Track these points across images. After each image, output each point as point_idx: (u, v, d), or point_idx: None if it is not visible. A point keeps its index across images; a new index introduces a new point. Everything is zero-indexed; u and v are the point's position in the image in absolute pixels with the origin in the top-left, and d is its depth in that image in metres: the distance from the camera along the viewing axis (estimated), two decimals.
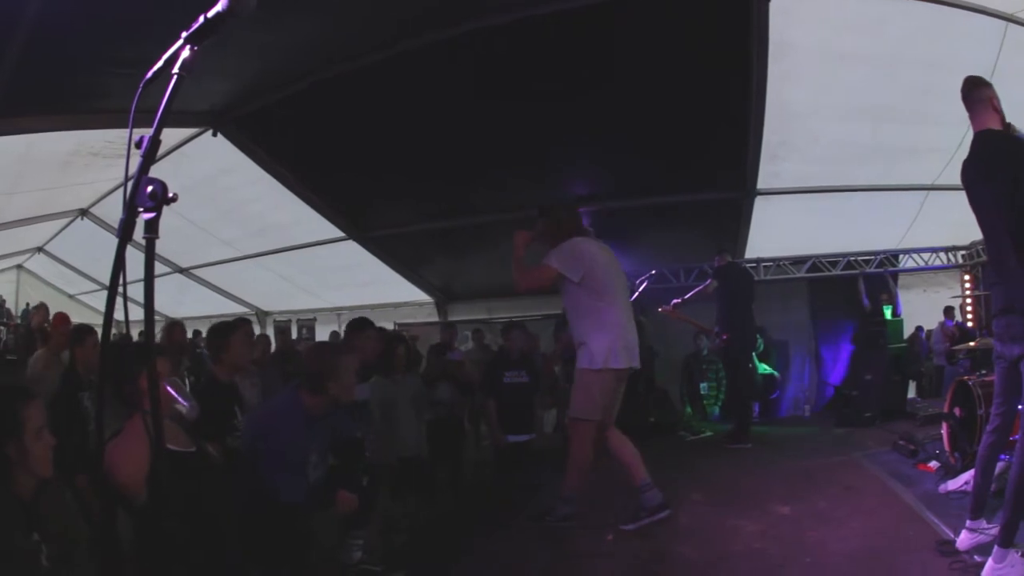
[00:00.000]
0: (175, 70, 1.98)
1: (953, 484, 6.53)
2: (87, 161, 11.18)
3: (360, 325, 7.38)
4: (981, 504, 4.93)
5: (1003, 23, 8.14)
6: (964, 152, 5.07)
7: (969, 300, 13.68)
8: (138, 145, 1.94)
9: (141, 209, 1.90)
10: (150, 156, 1.93)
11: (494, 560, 6.09)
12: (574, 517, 6.50)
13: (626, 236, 13.71)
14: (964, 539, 4.93)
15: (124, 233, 1.91)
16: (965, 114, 5.07)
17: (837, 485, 7.13)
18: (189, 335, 18.59)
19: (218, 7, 1.94)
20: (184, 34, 1.98)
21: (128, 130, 2.00)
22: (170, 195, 1.92)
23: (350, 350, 5.82)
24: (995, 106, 4.81)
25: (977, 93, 4.91)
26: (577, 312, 6.56)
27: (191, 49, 1.98)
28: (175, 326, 10.79)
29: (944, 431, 7.72)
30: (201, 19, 1.96)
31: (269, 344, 11.54)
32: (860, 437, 10.30)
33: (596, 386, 6.40)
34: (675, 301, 11.36)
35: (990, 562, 4.43)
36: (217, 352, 6.17)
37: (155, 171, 1.97)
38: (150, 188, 1.90)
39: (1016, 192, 4.47)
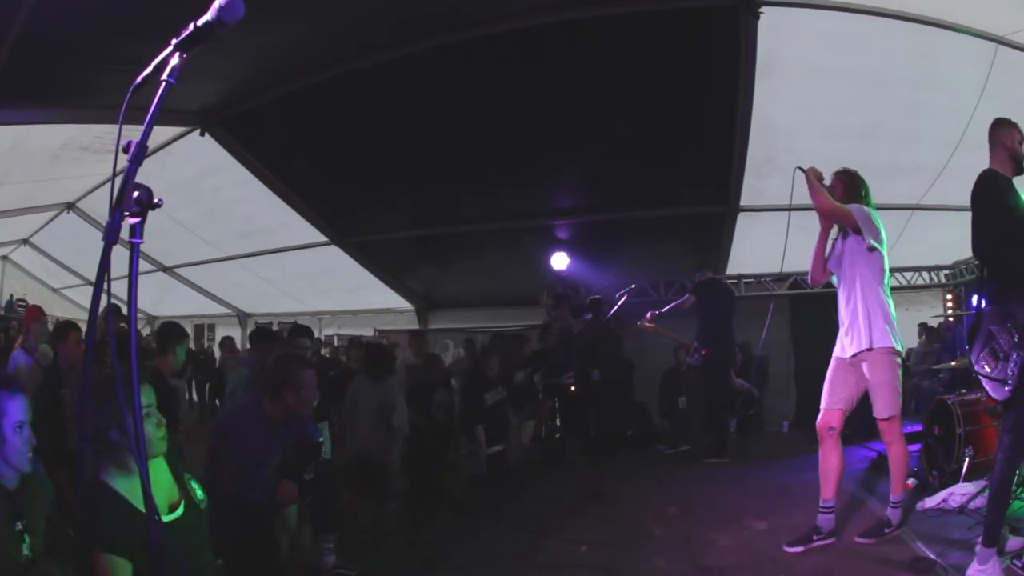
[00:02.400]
0: (164, 77, 1.99)
1: (931, 502, 6.54)
2: (76, 155, 11.17)
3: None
4: None
5: (993, 45, 8.16)
6: (950, 172, 5.18)
7: (951, 319, 13.74)
8: (126, 150, 1.96)
9: (127, 214, 1.91)
10: (137, 162, 1.94)
11: (470, 568, 6.12)
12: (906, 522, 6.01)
13: (608, 249, 13.75)
14: None
15: (110, 237, 1.92)
16: (952, 134, 5.19)
17: (814, 501, 7.14)
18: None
19: (207, 16, 1.95)
20: (173, 41, 2.00)
21: (117, 130, 2.02)
22: (156, 200, 1.93)
23: (309, 364, 5.88)
24: (1006, 144, 4.93)
25: (995, 133, 5.02)
26: (874, 282, 6.03)
27: (180, 56, 1.99)
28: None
29: (922, 449, 7.78)
30: (191, 27, 1.98)
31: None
32: None
33: (896, 372, 5.88)
34: (650, 313, 11.37)
35: (975, 563, 4.49)
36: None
37: (141, 168, 1.98)
38: (136, 193, 1.91)
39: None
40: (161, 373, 6.45)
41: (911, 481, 7.63)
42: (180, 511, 3.53)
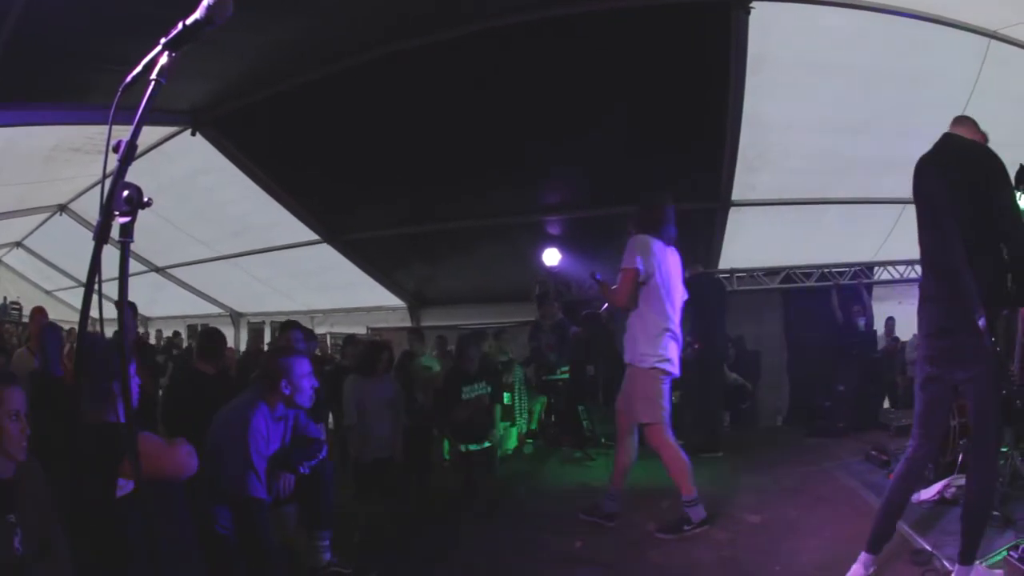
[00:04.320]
0: (153, 76, 1.98)
1: (926, 494, 6.55)
2: (68, 157, 11.10)
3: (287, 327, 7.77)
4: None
5: (986, 39, 8.15)
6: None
7: None
8: (116, 150, 1.95)
9: (117, 213, 1.91)
10: (126, 161, 1.94)
11: (468, 563, 6.11)
12: (706, 521, 6.42)
13: (600, 244, 13.75)
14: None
15: (100, 237, 1.92)
16: (944, 129, 5.11)
17: (808, 495, 7.16)
18: (167, 335, 18.55)
19: (196, 14, 1.95)
20: (162, 40, 1.99)
21: (107, 131, 2.01)
22: (145, 200, 1.92)
23: (302, 353, 5.89)
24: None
25: (978, 131, 4.96)
26: (640, 309, 6.66)
27: (169, 55, 1.98)
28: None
29: None
30: (180, 26, 1.97)
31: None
32: (832, 447, 10.35)
33: (650, 385, 6.53)
34: None
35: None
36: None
37: (133, 168, 1.98)
38: (126, 193, 1.90)
39: (971, 198, 4.48)
40: (206, 376, 6.58)
41: None
42: None
